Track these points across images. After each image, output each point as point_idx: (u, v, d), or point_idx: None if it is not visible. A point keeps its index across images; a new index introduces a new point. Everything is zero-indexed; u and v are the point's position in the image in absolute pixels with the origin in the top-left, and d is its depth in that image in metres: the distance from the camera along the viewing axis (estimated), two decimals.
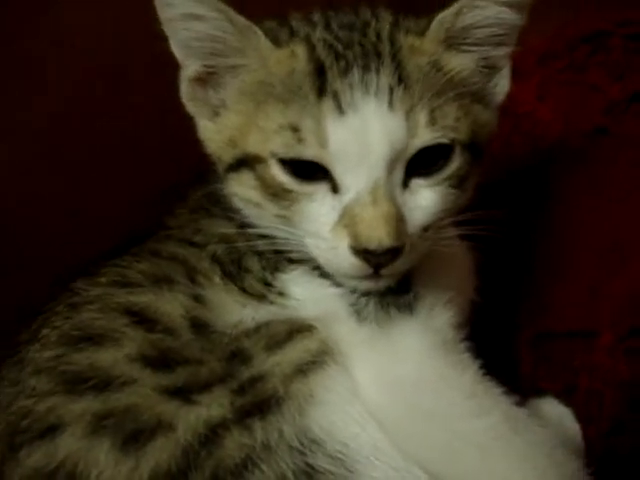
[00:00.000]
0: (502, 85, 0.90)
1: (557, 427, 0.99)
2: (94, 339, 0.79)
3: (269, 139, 0.81)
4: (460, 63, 0.85)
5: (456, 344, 0.86)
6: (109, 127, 1.07)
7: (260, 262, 0.88)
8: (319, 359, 0.80)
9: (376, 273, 0.80)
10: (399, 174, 0.80)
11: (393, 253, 0.78)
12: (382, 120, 0.77)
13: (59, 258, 0.97)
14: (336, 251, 0.80)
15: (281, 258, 0.88)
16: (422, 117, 0.79)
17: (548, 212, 1.10)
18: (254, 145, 0.83)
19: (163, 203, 0.97)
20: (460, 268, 0.95)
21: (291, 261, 0.87)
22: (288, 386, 0.77)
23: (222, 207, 0.91)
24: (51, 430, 0.74)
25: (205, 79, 0.88)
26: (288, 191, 0.82)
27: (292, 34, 0.86)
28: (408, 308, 0.85)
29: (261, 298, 0.85)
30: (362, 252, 0.78)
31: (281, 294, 0.86)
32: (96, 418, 0.74)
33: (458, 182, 0.83)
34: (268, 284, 0.87)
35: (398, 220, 0.78)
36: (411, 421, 0.80)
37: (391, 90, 0.78)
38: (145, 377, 0.76)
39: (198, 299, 0.83)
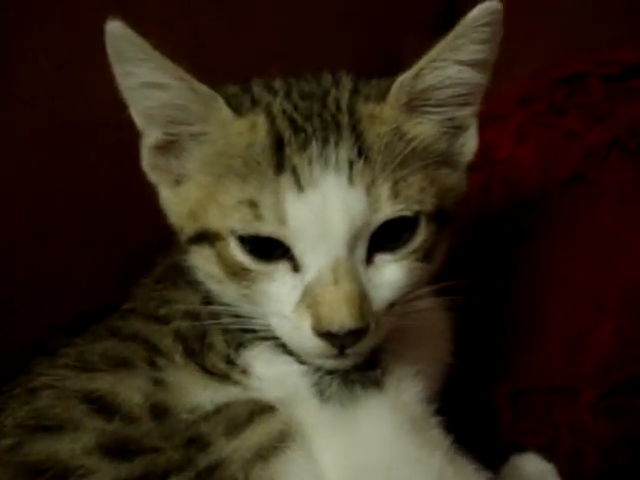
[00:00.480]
0: (469, 145, 0.88)
1: None
2: (51, 428, 0.78)
3: (227, 215, 0.79)
4: (424, 129, 0.83)
5: (425, 420, 0.83)
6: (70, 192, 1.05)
7: (224, 338, 0.85)
8: (281, 443, 0.78)
9: (341, 353, 0.78)
10: (362, 250, 0.78)
11: (357, 334, 0.76)
12: (342, 196, 0.75)
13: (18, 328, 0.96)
14: (299, 331, 0.77)
15: (245, 334, 0.85)
16: (384, 190, 0.76)
17: (526, 264, 1.07)
18: (213, 221, 0.81)
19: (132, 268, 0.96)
20: (433, 335, 0.92)
21: (255, 337, 0.85)
22: (248, 473, 0.75)
23: (186, 279, 0.89)
24: None
25: (166, 147, 0.86)
26: (248, 270, 0.80)
27: (253, 103, 0.84)
28: (375, 384, 0.82)
29: (223, 378, 0.83)
30: (325, 334, 0.76)
31: (244, 372, 0.84)
32: None
33: (425, 255, 0.81)
34: (231, 362, 0.84)
35: (362, 299, 0.75)
36: None
37: (351, 164, 0.76)
38: (103, 468, 0.75)
39: (158, 382, 0.81)
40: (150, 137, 0.85)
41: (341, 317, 0.74)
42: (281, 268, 0.79)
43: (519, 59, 1.19)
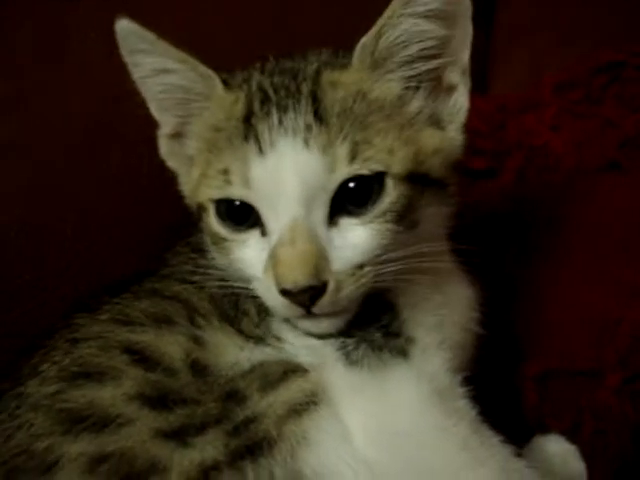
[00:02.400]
0: (460, 103, 0.88)
1: (561, 466, 0.98)
2: (93, 376, 0.81)
3: (208, 186, 0.85)
4: (390, 88, 0.84)
5: (452, 390, 0.84)
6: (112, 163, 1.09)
7: (255, 305, 0.88)
8: (313, 399, 0.80)
9: (309, 312, 0.80)
10: (321, 212, 0.80)
11: (313, 292, 0.78)
12: (295, 158, 0.79)
13: (62, 290, 0.99)
14: (269, 291, 0.81)
15: None
16: (341, 151, 0.79)
17: (557, 248, 1.08)
18: (201, 194, 0.87)
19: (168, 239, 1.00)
20: (457, 301, 0.93)
21: None
22: (281, 427, 0.78)
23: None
24: (48, 469, 0.75)
25: (180, 134, 0.93)
26: (224, 240, 0.85)
27: (243, 80, 0.89)
28: (401, 353, 0.84)
29: (258, 340, 0.86)
30: (284, 292, 0.78)
31: (276, 338, 0.87)
32: (92, 462, 0.75)
33: (397, 216, 0.81)
34: (264, 327, 0.87)
35: (317, 259, 0.78)
36: (403, 473, 0.79)
37: (307, 128, 0.80)
38: (143, 417, 0.77)
39: (197, 340, 0.84)
40: (165, 126, 0.94)
41: (294, 275, 0.77)
42: (253, 235, 0.84)
43: (558, 48, 1.21)
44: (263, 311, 0.88)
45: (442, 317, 0.89)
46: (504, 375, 1.05)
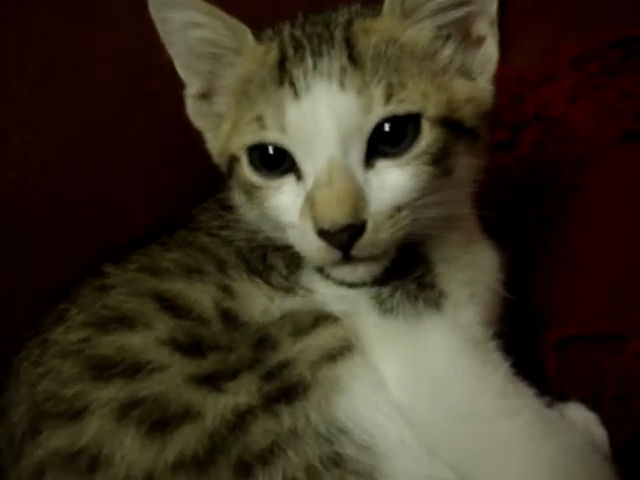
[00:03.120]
0: (490, 53, 0.88)
1: (583, 433, 0.97)
2: (123, 321, 0.80)
3: (241, 135, 0.85)
4: (420, 35, 0.85)
5: (485, 342, 0.85)
6: (135, 121, 1.09)
7: (283, 259, 0.88)
8: (346, 346, 0.80)
9: (346, 257, 0.80)
10: (358, 153, 0.80)
11: (352, 232, 0.77)
12: (331, 100, 0.79)
13: (85, 243, 0.98)
14: (305, 237, 0.80)
15: (299, 256, 0.87)
16: (377, 92, 0.79)
17: (578, 216, 1.09)
18: (234, 146, 0.87)
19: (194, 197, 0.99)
20: (484, 260, 0.93)
21: None
22: (315, 372, 0.77)
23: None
24: (76, 415, 0.75)
25: (207, 94, 0.93)
26: (258, 188, 0.85)
27: (274, 33, 0.90)
28: (435, 304, 0.84)
29: (287, 290, 0.86)
30: (322, 233, 0.78)
31: (306, 289, 0.86)
32: (123, 407, 0.74)
33: (433, 159, 0.81)
34: (293, 280, 0.87)
35: (356, 198, 0.77)
36: (438, 420, 0.79)
37: (342, 71, 0.80)
38: (175, 363, 0.77)
39: (227, 290, 0.84)
40: (192, 86, 0.93)
41: (333, 213, 0.76)
42: (287, 181, 0.83)
43: (574, 21, 1.23)
44: (292, 264, 0.88)
45: (472, 275, 0.89)
46: (523, 344, 1.04)
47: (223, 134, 0.90)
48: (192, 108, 0.94)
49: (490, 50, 0.88)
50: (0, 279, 1.01)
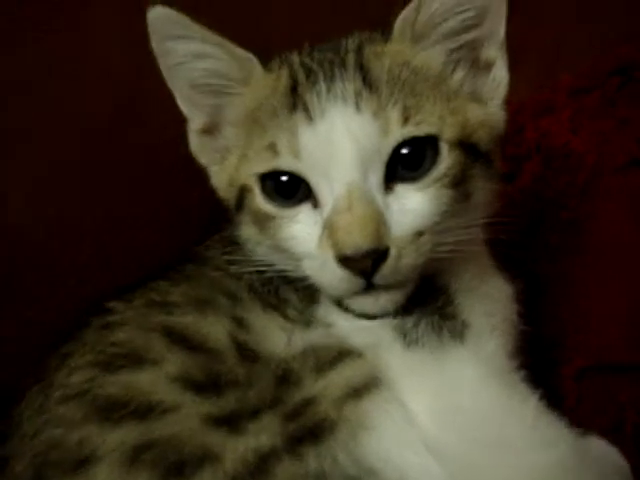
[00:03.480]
0: (499, 77, 0.88)
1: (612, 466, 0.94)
2: (130, 358, 0.76)
3: (253, 164, 0.83)
4: (432, 58, 0.84)
5: (511, 373, 0.82)
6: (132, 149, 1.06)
7: (297, 293, 0.85)
8: (372, 381, 0.76)
9: (369, 285, 0.77)
10: (377, 176, 0.78)
11: (375, 257, 0.75)
12: (348, 123, 0.77)
13: (83, 285, 0.94)
14: (325, 266, 0.77)
15: (313, 291, 0.84)
16: (394, 115, 0.78)
17: (585, 244, 1.07)
18: (244, 176, 0.84)
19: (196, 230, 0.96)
20: (501, 294, 0.91)
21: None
22: (340, 409, 0.74)
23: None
24: (83, 463, 0.69)
25: (211, 129, 0.90)
26: (273, 218, 0.82)
27: (282, 61, 0.88)
28: (458, 335, 0.81)
29: (306, 324, 0.82)
30: (344, 260, 0.75)
31: (323, 323, 0.83)
32: (134, 450, 0.69)
33: (452, 182, 0.80)
34: (309, 314, 0.84)
35: (377, 222, 0.75)
36: (470, 453, 0.75)
37: (358, 94, 0.79)
38: (188, 402, 0.72)
39: (242, 323, 0.80)
40: (195, 121, 0.90)
41: (355, 238, 0.74)
42: (303, 209, 0.81)
43: (568, 50, 1.23)
44: (307, 298, 0.85)
45: (490, 307, 0.87)
46: (539, 377, 1.02)
47: (231, 166, 0.88)
48: (195, 144, 0.92)
49: (500, 74, 0.87)
50: None
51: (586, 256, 1.07)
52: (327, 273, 0.77)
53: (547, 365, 1.03)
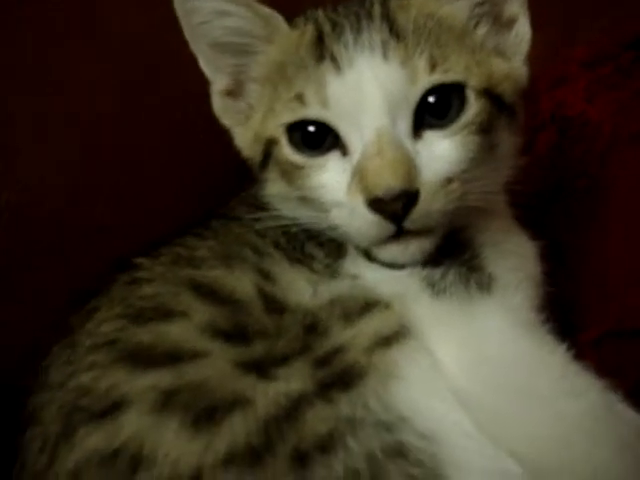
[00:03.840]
0: (522, 33, 0.88)
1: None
2: (159, 311, 0.75)
3: (280, 116, 0.83)
4: (454, 10, 0.85)
5: (538, 325, 0.82)
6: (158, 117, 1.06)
7: (322, 249, 0.85)
8: (400, 331, 0.76)
9: (400, 230, 0.77)
10: (406, 123, 0.78)
11: (407, 199, 0.75)
12: (376, 71, 0.78)
13: (109, 246, 0.94)
14: (355, 213, 0.77)
15: (339, 244, 0.85)
16: (421, 63, 0.78)
17: (602, 212, 1.08)
18: (270, 128, 0.84)
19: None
20: (527, 251, 0.91)
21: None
22: (369, 358, 0.74)
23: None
24: (113, 408, 0.69)
25: (234, 90, 0.91)
26: (300, 168, 0.82)
27: (307, 17, 0.89)
28: (485, 287, 0.81)
29: (332, 275, 0.82)
30: (375, 203, 0.75)
31: (351, 275, 0.83)
32: (164, 395, 0.69)
33: (479, 130, 0.80)
34: (335, 267, 0.84)
35: (407, 165, 0.76)
36: (499, 403, 0.75)
37: (384, 44, 0.79)
38: (218, 350, 0.72)
39: (268, 276, 0.80)
40: (218, 83, 0.91)
41: (387, 180, 0.74)
42: (331, 157, 0.81)
43: (585, 22, 1.24)
44: (333, 253, 0.84)
45: (516, 262, 0.87)
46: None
47: (256, 123, 0.88)
48: (219, 105, 0.92)
49: (523, 30, 0.88)
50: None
51: (604, 223, 1.07)
52: (357, 220, 0.77)
53: (565, 332, 1.03)
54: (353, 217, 0.78)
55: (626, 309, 1.01)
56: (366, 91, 0.77)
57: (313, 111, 0.80)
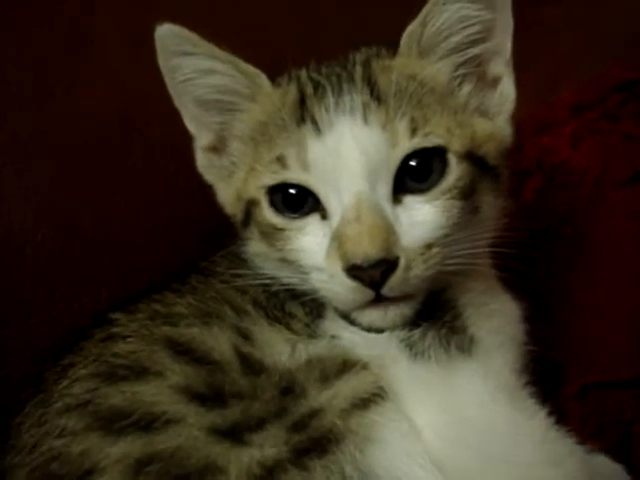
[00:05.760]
0: (507, 93, 0.88)
1: None
2: (133, 370, 0.74)
3: (261, 177, 0.82)
4: (437, 71, 0.84)
5: (519, 389, 0.81)
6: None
7: (303, 308, 0.84)
8: (377, 393, 0.75)
9: (378, 296, 0.76)
10: (385, 188, 0.78)
11: (385, 267, 0.74)
12: (356, 134, 0.78)
13: (81, 298, 0.93)
14: (334, 278, 0.77)
15: (319, 304, 0.83)
16: (402, 126, 0.78)
17: (589, 259, 1.07)
18: (252, 189, 0.84)
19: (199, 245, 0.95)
20: (506, 311, 0.89)
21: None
22: (346, 421, 0.72)
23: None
24: (85, 476, 0.68)
25: (218, 146, 0.91)
26: (281, 230, 0.82)
27: (290, 77, 0.88)
28: (466, 349, 0.80)
29: (311, 335, 0.81)
30: (353, 270, 0.74)
31: (329, 336, 0.82)
32: (137, 463, 0.68)
33: (461, 194, 0.79)
34: (314, 327, 0.83)
35: (386, 232, 0.75)
36: (477, 469, 0.74)
37: (365, 107, 0.79)
38: (193, 414, 0.71)
39: (246, 335, 0.79)
40: (202, 139, 0.91)
41: (364, 247, 0.73)
42: (311, 221, 0.81)
43: (569, 68, 1.24)
44: (312, 312, 0.83)
45: (498, 324, 0.86)
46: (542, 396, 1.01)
47: (238, 181, 0.87)
48: (202, 161, 0.92)
49: (507, 89, 0.87)
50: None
51: (589, 272, 1.07)
52: (336, 285, 0.77)
53: (549, 386, 1.02)
54: (332, 282, 0.77)
55: (610, 360, 1.01)
56: (345, 155, 0.77)
57: (294, 174, 0.79)
